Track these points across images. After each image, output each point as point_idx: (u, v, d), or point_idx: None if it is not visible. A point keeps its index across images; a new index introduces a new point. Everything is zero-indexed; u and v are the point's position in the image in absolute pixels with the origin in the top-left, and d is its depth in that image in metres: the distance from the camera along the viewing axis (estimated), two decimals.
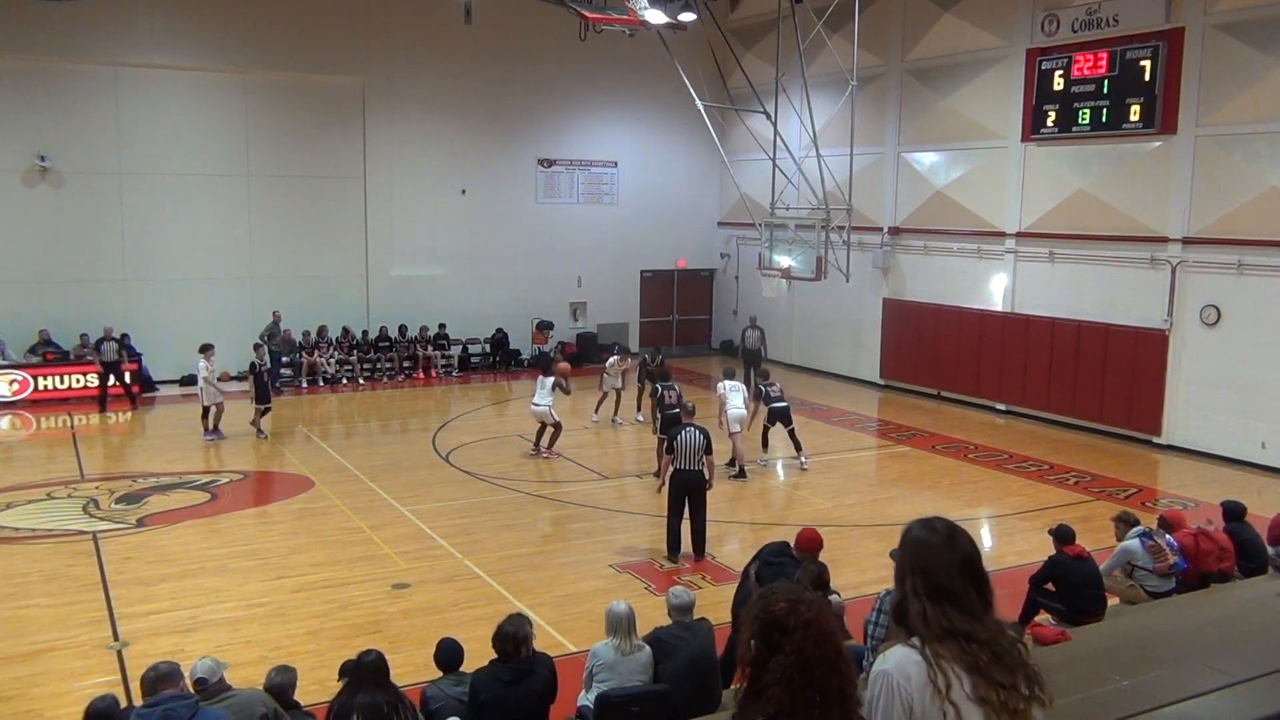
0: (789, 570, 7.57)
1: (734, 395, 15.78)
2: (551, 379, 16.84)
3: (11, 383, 20.53)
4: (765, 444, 16.68)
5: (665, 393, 15.81)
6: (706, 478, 11.79)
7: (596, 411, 19.49)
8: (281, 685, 6.64)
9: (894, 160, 22.93)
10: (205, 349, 17.82)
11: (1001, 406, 20.75)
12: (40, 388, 20.75)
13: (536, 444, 16.88)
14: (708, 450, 11.71)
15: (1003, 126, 20.29)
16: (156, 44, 21.93)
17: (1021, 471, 16.34)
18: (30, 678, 8.77)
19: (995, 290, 20.85)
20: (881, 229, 23.10)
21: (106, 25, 21.21)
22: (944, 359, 21.81)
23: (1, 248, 21.11)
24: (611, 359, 19.35)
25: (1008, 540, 12.98)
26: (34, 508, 13.77)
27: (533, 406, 16.88)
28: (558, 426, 16.76)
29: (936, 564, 2.88)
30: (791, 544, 8.19)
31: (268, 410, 18.33)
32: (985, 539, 13.11)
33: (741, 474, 15.38)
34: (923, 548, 2.94)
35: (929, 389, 22.40)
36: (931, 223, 22.08)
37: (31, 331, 21.28)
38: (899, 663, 2.85)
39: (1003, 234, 20.51)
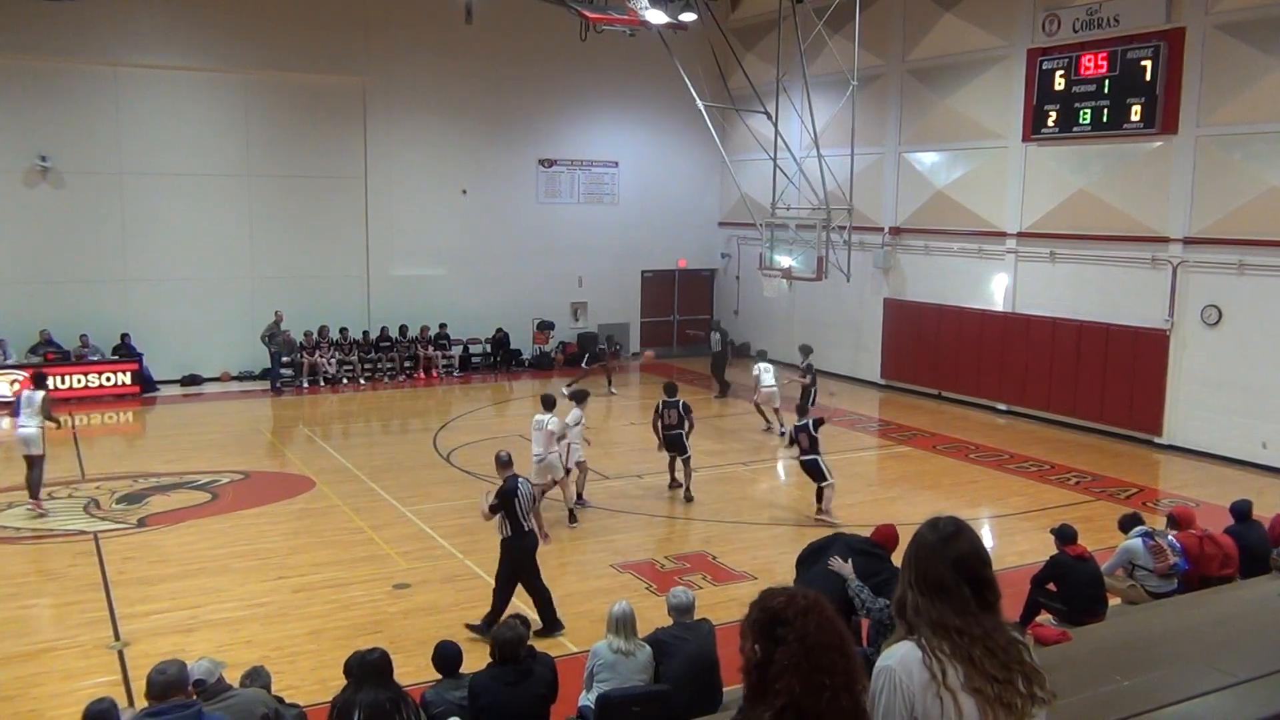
0: (888, 565, 7.55)
1: (766, 375, 18.38)
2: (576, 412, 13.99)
3: (12, 383, 20.49)
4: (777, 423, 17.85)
5: (666, 411, 14.43)
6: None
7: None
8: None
9: (895, 160, 22.92)
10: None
11: (1002, 406, 20.75)
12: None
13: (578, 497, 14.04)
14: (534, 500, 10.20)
15: (1003, 126, 20.28)
16: (157, 44, 21.94)
17: (1022, 471, 16.34)
18: (31, 677, 8.77)
19: (996, 290, 20.85)
20: (882, 229, 23.10)
21: (107, 25, 21.21)
22: (945, 359, 21.80)
23: (2, 248, 21.12)
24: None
25: (1009, 540, 12.97)
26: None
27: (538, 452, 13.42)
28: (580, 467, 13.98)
29: (931, 560, 2.93)
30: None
31: None
32: (986, 539, 13.10)
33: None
34: (921, 545, 2.99)
35: (930, 389, 22.40)
36: (932, 223, 22.08)
37: (32, 331, 21.28)
38: (903, 659, 2.86)
39: (1004, 234, 20.51)
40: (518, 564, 9.68)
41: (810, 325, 25.29)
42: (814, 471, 13.57)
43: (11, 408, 13.92)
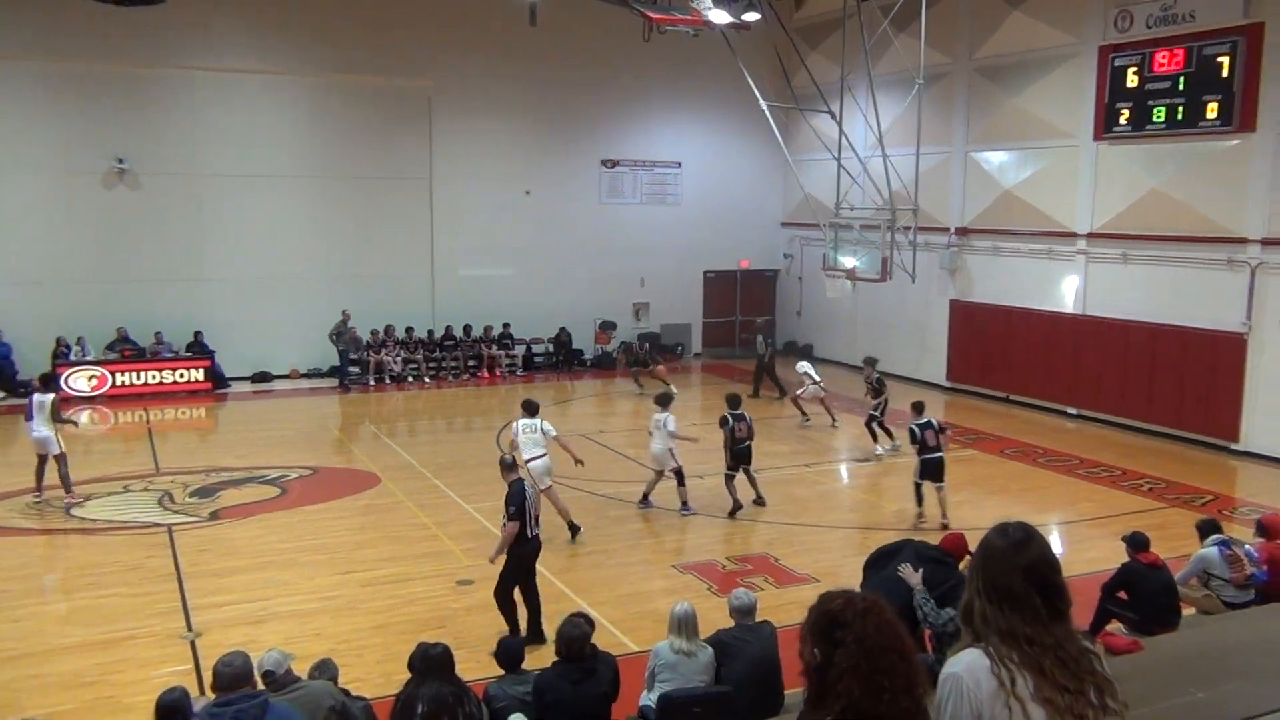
0: (956, 573, 7.50)
1: (808, 373, 19.31)
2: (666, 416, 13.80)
3: (91, 378, 21.17)
4: (889, 434, 17.21)
5: (737, 425, 13.86)
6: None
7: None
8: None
9: (961, 160, 22.61)
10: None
11: (1072, 410, 20.35)
12: (118, 383, 21.36)
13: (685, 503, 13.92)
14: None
15: (1074, 125, 19.89)
16: (230, 49, 22.46)
17: (1093, 477, 16.01)
18: (109, 665, 9.03)
19: (1066, 292, 20.46)
20: (948, 229, 22.80)
21: (182, 31, 21.76)
22: (1013, 362, 21.45)
23: (82, 247, 21.76)
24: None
25: (1079, 547, 12.72)
26: (112, 500, 14.18)
27: (654, 447, 13.81)
28: (678, 473, 13.78)
29: (1000, 568, 2.88)
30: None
31: None
32: (1055, 546, 12.85)
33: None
34: (990, 551, 2.95)
35: (997, 392, 22.04)
36: (1000, 223, 21.73)
37: (110, 329, 21.90)
38: (969, 666, 2.82)
39: (1074, 234, 20.12)
40: (523, 568, 9.56)
41: (874, 327, 25.07)
42: (938, 471, 13.25)
43: (25, 411, 14.26)
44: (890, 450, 16.94)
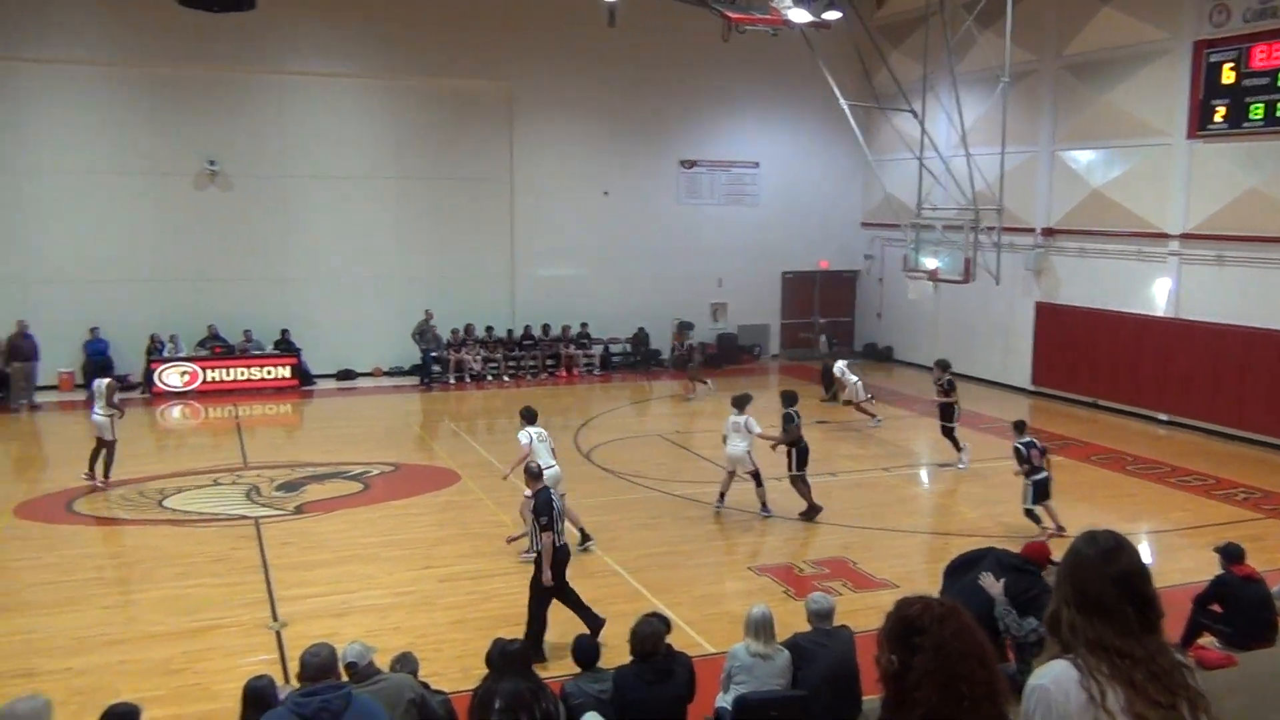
0: (1039, 582, 7.37)
1: (849, 374, 19.72)
2: (743, 418, 13.54)
3: (183, 374, 21.83)
4: (956, 445, 16.31)
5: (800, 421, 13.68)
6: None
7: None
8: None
9: (1048, 159, 22.10)
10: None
11: (1163, 416, 19.75)
12: (208, 380, 22.00)
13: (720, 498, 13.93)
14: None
15: (1166, 123, 19.30)
16: (317, 53, 22.99)
17: (1184, 485, 15.52)
18: (198, 653, 9.30)
19: (1157, 294, 19.86)
20: (1034, 230, 22.30)
21: (271, 36, 22.31)
22: (1100, 365, 20.90)
23: (175, 247, 22.47)
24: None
25: (1169, 557, 12.34)
26: (202, 493, 14.61)
27: (733, 450, 13.60)
28: (755, 475, 13.58)
29: (1089, 577, 2.81)
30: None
31: None
32: (1145, 555, 12.47)
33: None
34: (1078, 560, 2.87)
35: (1084, 397, 21.50)
36: (1088, 223, 21.19)
37: (201, 326, 22.56)
38: (1057, 678, 2.75)
39: (1165, 235, 19.52)
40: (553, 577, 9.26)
41: (956, 329, 24.65)
42: (1048, 490, 12.77)
43: (88, 397, 15.27)
44: (962, 465, 16.19)
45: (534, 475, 9.88)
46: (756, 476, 13.51)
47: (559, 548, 9.29)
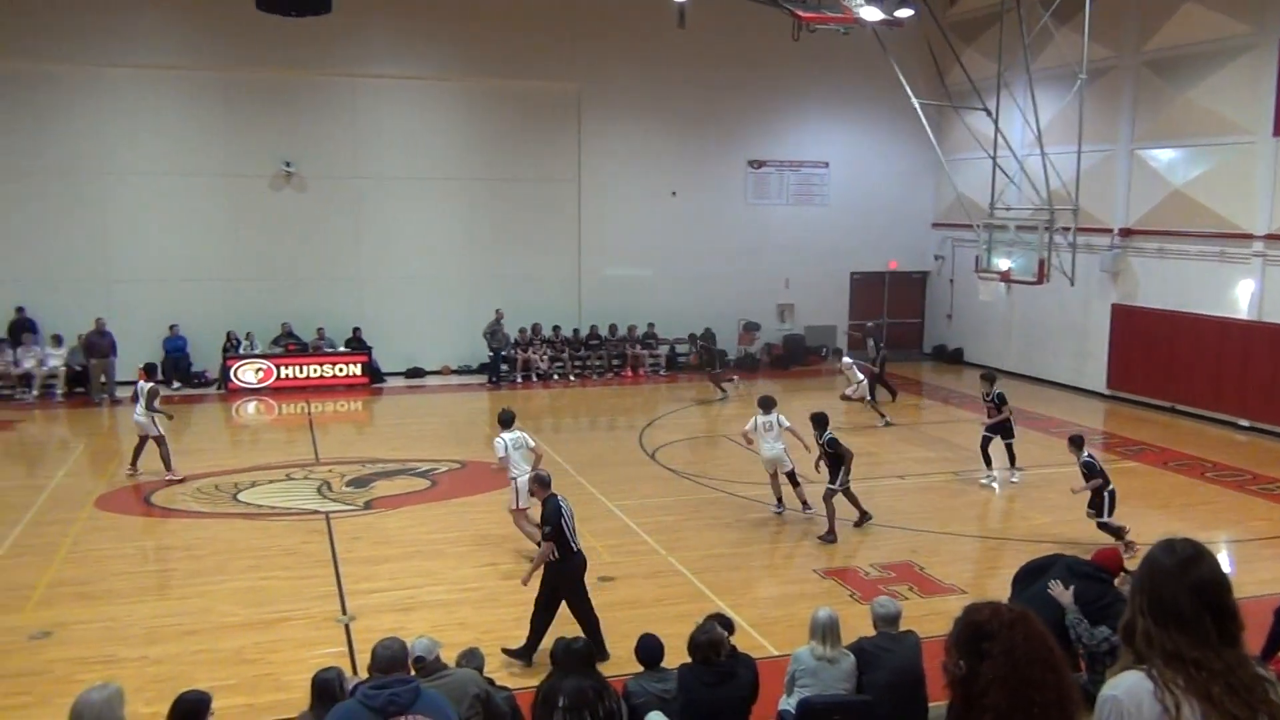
0: (1111, 590, 7.23)
1: (857, 372, 19.76)
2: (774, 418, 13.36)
3: (258, 371, 22.33)
4: (987, 461, 15.51)
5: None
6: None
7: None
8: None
9: (1126, 157, 21.56)
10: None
11: (1244, 423, 19.16)
12: (282, 376, 22.46)
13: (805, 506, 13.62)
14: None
15: (1251, 120, 18.72)
16: (389, 55, 23.33)
17: (1266, 493, 15.04)
18: (269, 644, 9.50)
19: (1240, 297, 19.28)
20: (1111, 230, 21.78)
21: (344, 40, 22.69)
22: (1178, 369, 20.35)
23: (252, 247, 22.98)
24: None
25: (1250, 567, 11.97)
26: (274, 487, 14.92)
27: (769, 451, 13.41)
28: (791, 475, 13.43)
29: (1165, 586, 2.75)
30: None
31: None
32: (1225, 564, 12.12)
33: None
34: (1155, 568, 2.81)
35: (1162, 401, 20.95)
36: (1167, 224, 20.64)
37: (275, 324, 23.04)
38: (1131, 689, 2.68)
39: (1250, 236, 18.94)
40: (564, 587, 9.14)
41: (1029, 331, 24.21)
42: (1112, 501, 12.39)
43: (133, 394, 15.71)
44: (1015, 478, 15.49)
45: (543, 484, 9.71)
46: (793, 476, 13.38)
47: (575, 553, 9.20)
